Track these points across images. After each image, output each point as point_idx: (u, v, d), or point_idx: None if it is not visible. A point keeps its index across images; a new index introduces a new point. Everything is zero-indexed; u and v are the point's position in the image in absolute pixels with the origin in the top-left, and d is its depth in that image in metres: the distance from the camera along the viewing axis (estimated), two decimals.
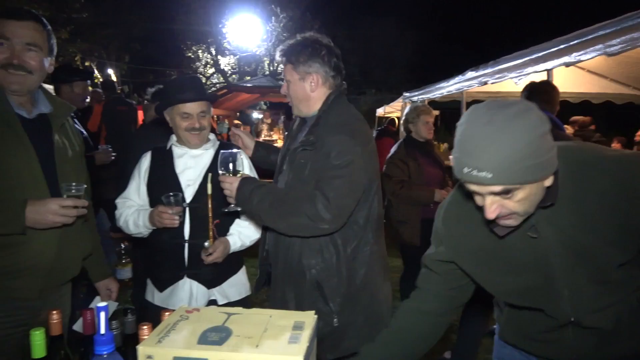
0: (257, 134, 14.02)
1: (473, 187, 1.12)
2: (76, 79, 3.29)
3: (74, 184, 1.65)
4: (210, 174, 2.09)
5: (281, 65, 1.99)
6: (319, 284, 1.84)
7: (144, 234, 2.19)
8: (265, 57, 21.64)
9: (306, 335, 0.98)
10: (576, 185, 1.18)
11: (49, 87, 2.86)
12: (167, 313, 1.31)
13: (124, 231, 2.24)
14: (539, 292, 1.31)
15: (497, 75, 4.62)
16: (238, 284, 2.24)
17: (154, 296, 2.19)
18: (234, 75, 21.54)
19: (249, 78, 19.28)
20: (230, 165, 1.85)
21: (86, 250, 1.97)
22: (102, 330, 1.00)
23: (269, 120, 12.98)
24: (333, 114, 1.87)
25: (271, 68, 21.26)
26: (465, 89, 5.71)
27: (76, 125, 2.13)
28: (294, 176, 1.89)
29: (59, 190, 1.73)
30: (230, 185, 1.81)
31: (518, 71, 4.19)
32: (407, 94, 9.68)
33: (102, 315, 1.01)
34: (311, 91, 1.92)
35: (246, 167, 2.19)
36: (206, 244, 2.06)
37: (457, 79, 6.00)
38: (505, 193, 1.08)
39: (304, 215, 1.68)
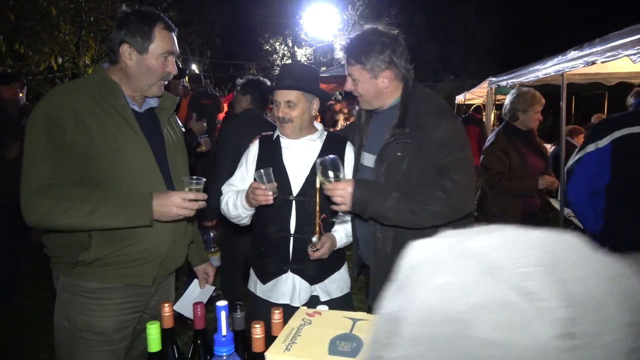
0: (334, 123, 14.03)
1: None
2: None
3: (194, 178, 1.68)
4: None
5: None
6: None
7: (242, 218, 2.15)
8: None
9: None
10: None
11: None
12: (277, 311, 1.25)
13: (226, 216, 2.23)
14: None
15: (609, 54, 4.12)
16: (339, 280, 2.19)
17: (257, 287, 2.19)
18: None
19: (324, 68, 19.30)
20: (331, 173, 1.76)
21: (190, 238, 2.05)
22: (224, 332, 0.95)
23: (345, 110, 12.89)
24: (421, 101, 1.80)
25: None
26: (567, 70, 5.18)
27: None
28: (389, 171, 1.80)
29: (172, 183, 1.79)
30: (343, 191, 1.71)
31: (637, 47, 3.70)
32: (493, 79, 9.12)
33: (223, 315, 0.96)
34: (384, 87, 1.85)
35: (348, 169, 2.10)
36: (314, 239, 1.99)
37: (556, 59, 5.47)
38: None
39: (440, 202, 1.63)
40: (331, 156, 1.77)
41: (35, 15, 8.15)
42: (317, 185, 1.97)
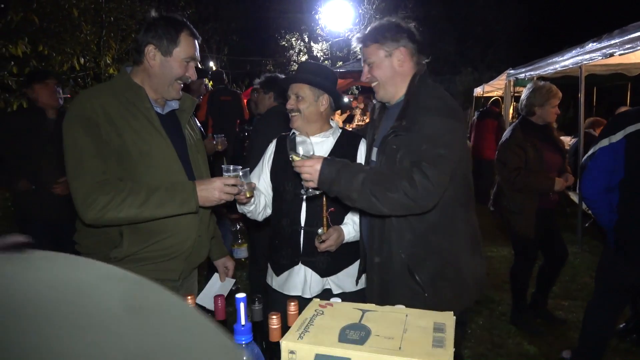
0: (350, 119, 14.02)
1: None
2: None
3: (231, 166, 1.79)
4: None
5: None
6: (409, 268, 1.83)
7: (247, 213, 2.22)
8: None
9: (450, 338, 0.92)
10: None
11: None
12: (292, 303, 1.32)
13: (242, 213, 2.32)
14: None
15: (628, 46, 4.08)
16: (353, 275, 2.23)
17: (272, 280, 2.27)
18: (326, 62, 21.65)
19: (340, 63, 19.27)
20: (300, 149, 1.80)
21: (212, 231, 2.14)
22: (243, 322, 1.02)
23: (362, 105, 12.86)
24: (423, 96, 1.83)
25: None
26: (586, 62, 5.13)
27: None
28: (385, 163, 1.84)
29: (193, 178, 1.87)
30: (311, 168, 1.73)
31: None
32: (512, 71, 9.01)
33: (242, 306, 1.03)
34: (399, 67, 1.89)
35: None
36: (319, 231, 2.07)
37: (574, 51, 5.42)
38: None
39: (402, 191, 1.63)
40: (297, 135, 1.82)
41: (58, 16, 8.34)
42: None
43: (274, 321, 1.24)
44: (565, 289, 4.35)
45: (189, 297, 1.43)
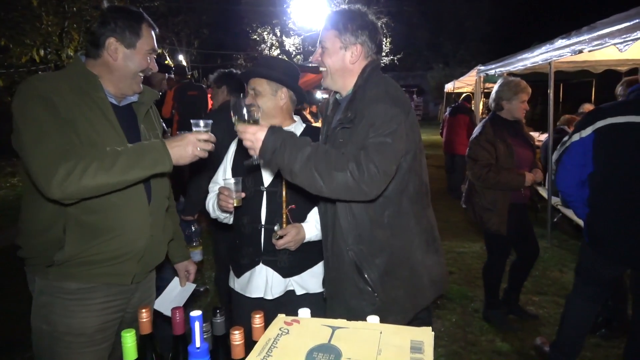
0: (323, 114, 13.93)
1: None
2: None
3: (201, 121, 1.68)
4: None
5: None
6: (357, 266, 1.75)
7: (222, 219, 2.18)
8: None
9: (429, 358, 0.84)
10: None
11: None
12: (257, 316, 1.21)
13: (211, 217, 2.23)
14: None
15: (596, 42, 4.12)
16: (320, 276, 2.15)
17: (235, 282, 2.18)
18: (298, 56, 21.49)
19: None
20: (245, 113, 1.69)
21: (170, 234, 2.03)
22: (198, 343, 0.92)
23: None
24: (370, 86, 1.76)
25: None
26: (555, 59, 5.18)
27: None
28: None
29: (147, 178, 1.73)
30: (253, 136, 1.61)
31: (623, 36, 3.69)
32: (482, 67, 9.10)
33: (197, 326, 0.92)
34: (350, 63, 1.81)
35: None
36: (276, 227, 2.00)
37: (544, 48, 5.46)
38: None
39: (348, 172, 1.52)
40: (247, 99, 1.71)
41: (17, 6, 7.96)
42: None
43: (236, 337, 1.14)
44: (536, 283, 4.39)
45: (143, 310, 1.31)
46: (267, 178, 2.08)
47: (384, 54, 19.18)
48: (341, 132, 1.73)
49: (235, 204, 1.93)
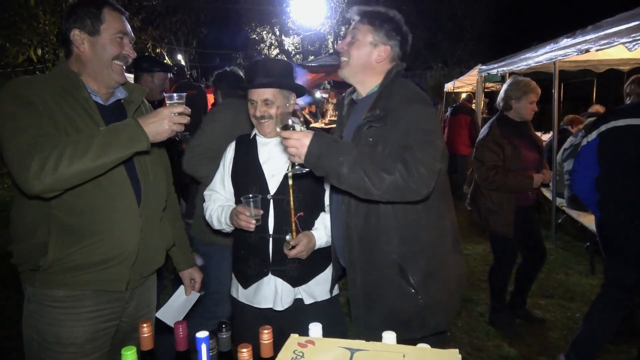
0: (323, 114, 13.85)
1: None
2: (157, 69, 3.26)
3: (175, 94, 1.62)
4: (291, 164, 1.95)
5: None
6: (401, 267, 1.74)
7: (227, 231, 2.11)
8: (329, 35, 21.27)
9: None
10: None
11: (129, 76, 2.85)
12: (265, 331, 1.14)
13: (210, 225, 2.15)
14: None
15: (603, 42, 4.05)
16: (325, 283, 2.10)
17: (239, 292, 2.10)
18: (297, 56, 21.40)
19: (312, 57, 19.08)
20: (290, 120, 1.64)
21: (169, 239, 1.96)
22: None
23: (334, 100, 12.73)
24: (398, 87, 1.78)
25: (335, 46, 20.88)
26: (560, 58, 5.11)
27: None
28: None
29: (137, 179, 1.72)
30: (298, 141, 1.57)
31: (632, 35, 3.62)
32: (483, 67, 9.03)
33: (204, 349, 0.85)
34: (375, 61, 1.84)
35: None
36: (287, 237, 1.94)
37: (548, 47, 5.40)
38: None
39: (397, 172, 1.51)
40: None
41: (13, 5, 7.85)
42: (290, 183, 1.95)
43: (244, 355, 1.07)
44: (542, 286, 4.32)
45: (144, 325, 1.24)
46: (272, 186, 2.01)
47: None
48: (370, 130, 1.72)
49: (257, 224, 1.89)
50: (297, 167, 1.67)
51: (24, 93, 1.54)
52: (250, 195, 1.88)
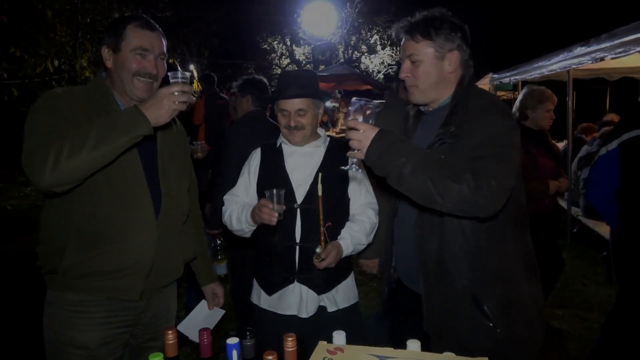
0: (334, 123, 13.89)
1: None
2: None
3: (179, 72, 1.57)
4: (320, 174, 1.97)
5: (357, 52, 1.82)
6: (474, 297, 1.57)
7: (245, 232, 2.09)
8: (339, 45, 21.37)
9: None
10: None
11: None
12: (289, 339, 1.15)
13: (228, 228, 2.16)
14: None
15: (619, 50, 4.03)
16: (346, 290, 2.11)
17: (260, 299, 2.11)
18: (308, 65, 21.52)
19: (323, 67, 19.18)
20: (359, 117, 1.52)
21: (189, 253, 1.96)
22: None
23: (344, 109, 12.76)
24: (473, 98, 1.61)
25: (346, 56, 20.97)
26: (574, 66, 5.10)
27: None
28: None
29: (158, 188, 1.75)
30: (363, 135, 1.46)
31: None
32: (495, 76, 9.02)
33: (235, 355, 0.86)
34: (448, 72, 1.65)
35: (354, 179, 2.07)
36: (318, 249, 1.94)
37: (561, 55, 5.39)
38: None
39: (465, 183, 1.38)
40: (362, 100, 1.54)
41: (31, 17, 8.02)
42: (320, 193, 1.94)
43: None
44: (558, 296, 4.26)
45: (169, 332, 1.25)
46: (299, 195, 2.02)
47: (394, 62, 19.17)
48: (442, 147, 1.58)
49: (278, 217, 1.84)
50: (352, 166, 1.59)
51: (54, 102, 1.62)
52: (275, 190, 1.85)
